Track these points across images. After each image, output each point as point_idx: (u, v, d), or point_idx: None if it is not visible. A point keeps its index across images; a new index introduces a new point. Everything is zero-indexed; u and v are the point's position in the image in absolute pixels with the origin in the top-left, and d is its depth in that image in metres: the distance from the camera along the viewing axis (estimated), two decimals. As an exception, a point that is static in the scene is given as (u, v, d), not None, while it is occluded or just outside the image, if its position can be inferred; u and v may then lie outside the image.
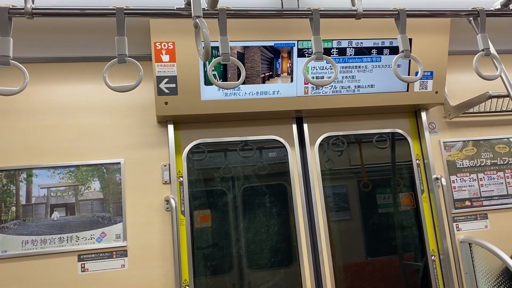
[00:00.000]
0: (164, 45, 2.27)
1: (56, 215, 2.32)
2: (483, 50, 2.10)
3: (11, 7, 1.75)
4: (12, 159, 2.32)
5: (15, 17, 1.78)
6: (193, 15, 1.56)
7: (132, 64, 1.78)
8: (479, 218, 2.81)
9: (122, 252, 2.34)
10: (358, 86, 2.56)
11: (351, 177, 3.13)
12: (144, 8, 1.97)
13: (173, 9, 1.98)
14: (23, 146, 2.35)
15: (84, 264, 2.29)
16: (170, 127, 2.51)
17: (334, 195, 3.02)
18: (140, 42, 2.33)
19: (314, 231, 2.60)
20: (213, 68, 2.32)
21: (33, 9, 1.81)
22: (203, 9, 1.61)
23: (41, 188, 2.33)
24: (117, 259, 2.33)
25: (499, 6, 2.33)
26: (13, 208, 2.28)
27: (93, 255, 2.31)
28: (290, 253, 2.77)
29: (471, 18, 2.27)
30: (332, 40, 2.45)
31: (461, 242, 2.72)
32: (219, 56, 1.78)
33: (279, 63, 2.43)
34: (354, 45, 2.49)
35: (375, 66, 2.55)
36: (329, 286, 2.54)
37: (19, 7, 1.78)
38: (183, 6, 1.98)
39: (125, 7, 1.85)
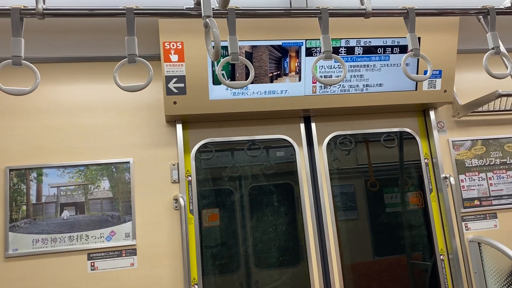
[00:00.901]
0: (173, 45, 2.28)
1: (66, 214, 2.33)
2: (493, 48, 2.09)
3: (22, 7, 1.77)
4: (23, 159, 2.34)
5: (27, 18, 1.80)
6: (203, 14, 1.57)
7: (140, 63, 1.79)
8: (488, 218, 2.80)
9: (131, 251, 2.35)
10: (367, 85, 2.56)
11: (358, 177, 3.13)
12: (153, 8, 1.98)
13: (182, 9, 1.99)
14: (33, 145, 2.37)
15: (93, 262, 2.31)
16: (179, 127, 2.52)
17: (342, 195, 3.02)
18: (149, 42, 2.33)
19: (322, 230, 2.59)
20: (222, 68, 2.32)
21: (44, 9, 1.83)
22: (212, 8, 1.61)
23: (51, 187, 2.34)
24: (126, 257, 2.34)
25: (509, 4, 2.32)
26: (24, 207, 2.30)
27: (102, 254, 2.32)
28: (298, 252, 2.77)
29: (481, 17, 2.26)
30: (340, 39, 2.44)
31: (470, 241, 2.71)
32: (228, 55, 1.79)
33: (287, 62, 2.43)
34: (362, 44, 2.48)
35: (383, 65, 2.54)
36: (337, 285, 2.53)
37: (30, 7, 1.80)
38: (192, 6, 2.00)
39: (134, 7, 1.87)
